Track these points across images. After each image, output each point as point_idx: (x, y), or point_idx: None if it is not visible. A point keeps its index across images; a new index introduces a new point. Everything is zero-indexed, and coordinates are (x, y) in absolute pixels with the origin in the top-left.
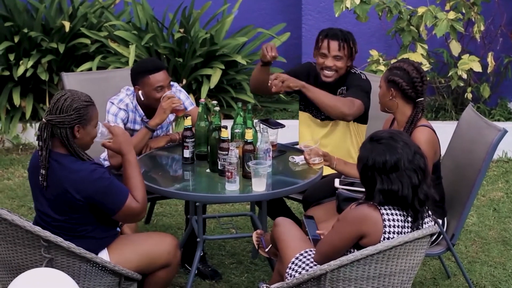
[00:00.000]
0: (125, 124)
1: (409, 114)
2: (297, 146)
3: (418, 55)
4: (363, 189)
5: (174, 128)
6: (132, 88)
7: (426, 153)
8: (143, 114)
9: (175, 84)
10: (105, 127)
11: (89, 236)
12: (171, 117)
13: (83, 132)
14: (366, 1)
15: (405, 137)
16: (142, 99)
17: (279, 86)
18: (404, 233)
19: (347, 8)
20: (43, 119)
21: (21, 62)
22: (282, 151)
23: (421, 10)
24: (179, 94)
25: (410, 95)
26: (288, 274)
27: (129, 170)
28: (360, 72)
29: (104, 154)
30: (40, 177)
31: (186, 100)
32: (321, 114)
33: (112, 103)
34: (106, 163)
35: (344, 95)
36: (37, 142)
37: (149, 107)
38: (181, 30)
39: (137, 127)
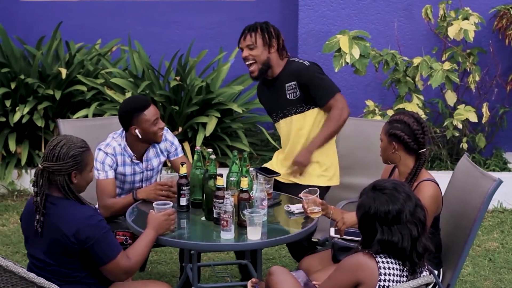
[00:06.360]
0: (115, 170)
1: (412, 166)
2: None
3: (414, 106)
4: (359, 238)
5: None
6: (118, 131)
7: (430, 207)
8: (133, 154)
9: (165, 128)
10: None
11: (83, 282)
12: (162, 159)
13: (79, 177)
14: (365, 55)
15: (407, 189)
16: (140, 137)
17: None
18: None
19: (347, 63)
20: (40, 165)
21: (17, 108)
22: (278, 199)
23: (416, 60)
24: (171, 139)
25: (413, 147)
26: None
27: (144, 237)
28: (299, 60)
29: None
30: (35, 222)
31: (178, 146)
32: (277, 116)
33: (100, 149)
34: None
35: (318, 99)
36: (32, 188)
37: (143, 143)
38: (177, 78)
39: (127, 169)
